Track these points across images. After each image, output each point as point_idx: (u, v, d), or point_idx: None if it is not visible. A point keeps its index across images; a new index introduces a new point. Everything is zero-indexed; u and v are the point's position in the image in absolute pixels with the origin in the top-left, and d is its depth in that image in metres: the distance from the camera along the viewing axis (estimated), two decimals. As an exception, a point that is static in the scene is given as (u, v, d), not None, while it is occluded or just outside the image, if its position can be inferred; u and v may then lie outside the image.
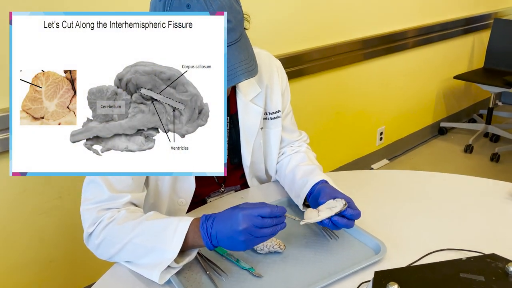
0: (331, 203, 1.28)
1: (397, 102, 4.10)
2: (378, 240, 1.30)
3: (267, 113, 1.57)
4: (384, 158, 4.18)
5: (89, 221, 1.18)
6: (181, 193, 1.45)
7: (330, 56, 3.12)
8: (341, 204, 1.25)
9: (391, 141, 4.19)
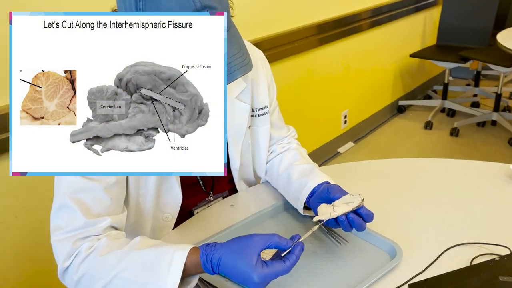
0: (347, 198, 1.21)
1: (358, 84, 4.18)
2: (392, 242, 1.25)
3: (254, 109, 1.49)
4: (350, 141, 4.27)
5: (63, 254, 1.06)
6: (166, 208, 1.36)
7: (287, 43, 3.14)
8: (359, 199, 1.18)
9: (355, 123, 4.28)
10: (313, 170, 1.44)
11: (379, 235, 1.27)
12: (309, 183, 1.36)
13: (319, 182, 1.35)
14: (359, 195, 1.19)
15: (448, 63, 4.66)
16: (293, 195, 1.40)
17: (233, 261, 1.00)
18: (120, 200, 1.19)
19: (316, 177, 1.38)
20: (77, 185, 1.09)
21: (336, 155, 4.11)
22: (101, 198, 1.11)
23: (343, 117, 4.09)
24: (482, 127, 4.73)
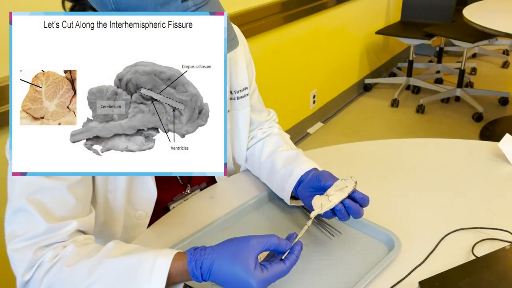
0: (340, 184, 1.14)
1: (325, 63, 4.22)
2: (388, 232, 1.20)
3: (233, 92, 1.42)
4: (318, 121, 4.32)
5: (23, 266, 0.95)
6: (139, 204, 1.27)
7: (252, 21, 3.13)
8: (352, 183, 1.13)
9: (324, 103, 4.33)
10: (299, 156, 1.37)
11: (375, 225, 1.23)
12: (295, 170, 1.29)
13: (307, 169, 1.29)
14: (351, 177, 1.15)
15: (413, 39, 4.74)
16: (278, 185, 1.34)
17: (228, 267, 0.92)
18: (86, 199, 1.09)
19: (302, 163, 1.31)
20: (36, 185, 0.98)
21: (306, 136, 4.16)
22: (64, 198, 1.00)
23: (312, 97, 4.13)
24: (446, 103, 4.84)
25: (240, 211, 1.34)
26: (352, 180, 1.14)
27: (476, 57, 6.35)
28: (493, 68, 5.92)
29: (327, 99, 4.44)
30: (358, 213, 1.12)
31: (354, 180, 1.14)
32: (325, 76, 4.28)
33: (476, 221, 1.29)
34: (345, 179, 1.15)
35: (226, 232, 1.28)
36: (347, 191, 1.12)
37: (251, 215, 1.36)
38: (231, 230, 1.30)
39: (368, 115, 4.67)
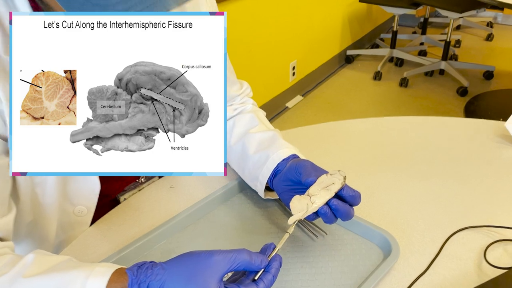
0: (325, 179, 0.99)
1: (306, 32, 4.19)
2: (383, 232, 1.07)
3: None
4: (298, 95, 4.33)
5: None
6: (78, 198, 1.12)
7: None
8: (340, 178, 0.98)
9: (303, 75, 4.32)
10: (276, 139, 1.22)
11: (367, 224, 1.10)
12: (271, 157, 1.15)
13: (285, 156, 1.15)
14: (338, 172, 1.00)
15: (398, 8, 4.76)
16: (250, 174, 1.20)
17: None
18: (3, 197, 0.95)
19: (279, 148, 1.17)
20: None
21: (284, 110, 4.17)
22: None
23: (291, 69, 4.12)
24: (430, 77, 4.89)
25: (205, 204, 1.21)
26: (339, 175, 1.00)
27: (460, 29, 6.41)
28: (477, 40, 5.97)
29: (307, 71, 4.44)
30: (347, 215, 0.98)
31: (342, 175, 1.00)
32: (305, 46, 4.26)
33: (485, 217, 1.16)
34: (332, 174, 1.01)
35: (187, 232, 1.15)
36: (333, 190, 0.98)
37: (218, 210, 1.23)
38: (194, 228, 1.17)
39: (349, 88, 4.69)
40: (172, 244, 1.13)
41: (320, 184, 1.00)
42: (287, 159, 1.15)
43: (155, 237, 1.11)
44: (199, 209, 1.20)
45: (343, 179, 1.00)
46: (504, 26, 6.51)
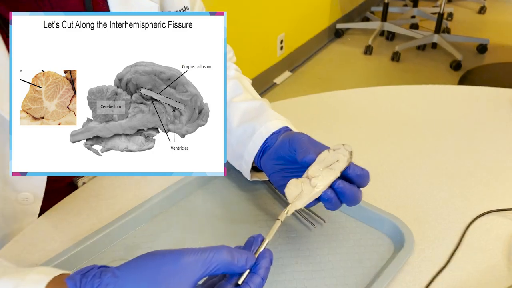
0: (326, 156, 0.85)
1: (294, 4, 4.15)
2: (394, 219, 0.95)
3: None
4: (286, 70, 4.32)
5: None
6: (21, 183, 1.01)
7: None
8: (346, 154, 0.84)
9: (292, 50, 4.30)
10: (264, 109, 1.08)
11: (375, 209, 0.98)
12: (258, 130, 1.02)
13: (275, 129, 1.01)
14: (343, 146, 0.85)
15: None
16: (234, 151, 1.08)
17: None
18: None
19: (268, 120, 1.03)
20: None
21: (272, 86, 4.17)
22: None
23: (279, 42, 4.10)
24: (422, 51, 4.89)
25: (179, 189, 1.08)
26: (344, 149, 0.85)
27: (452, 2, 6.41)
28: (469, 13, 5.98)
29: (295, 45, 4.41)
30: (355, 199, 0.84)
31: (348, 150, 0.85)
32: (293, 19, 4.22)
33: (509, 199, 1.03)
34: (335, 149, 0.86)
35: (157, 222, 1.04)
36: (338, 169, 0.83)
37: (195, 196, 1.10)
38: (164, 218, 1.05)
39: (339, 63, 4.69)
40: (137, 238, 1.00)
41: (322, 163, 0.84)
42: (277, 133, 1.00)
43: (117, 230, 0.99)
44: (172, 194, 1.06)
45: (349, 155, 0.84)
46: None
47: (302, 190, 0.84)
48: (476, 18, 5.87)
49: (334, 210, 0.86)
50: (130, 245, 1.00)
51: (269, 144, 1.00)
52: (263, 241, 0.74)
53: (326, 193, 0.83)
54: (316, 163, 0.85)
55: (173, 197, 1.08)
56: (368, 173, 0.85)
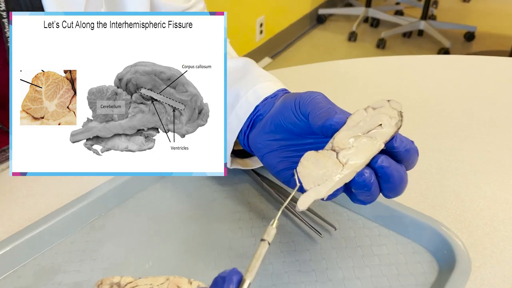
0: (362, 119, 0.61)
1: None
2: (439, 227, 0.71)
3: None
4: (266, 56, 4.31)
5: None
6: None
7: None
8: (394, 115, 0.59)
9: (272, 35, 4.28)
10: (250, 69, 0.91)
11: (409, 212, 0.74)
12: (244, 96, 0.85)
13: (268, 93, 0.82)
14: (388, 102, 0.61)
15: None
16: None
17: None
18: None
19: (258, 82, 0.86)
20: None
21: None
22: None
23: (258, 26, 4.08)
24: (408, 38, 4.92)
25: (128, 182, 0.92)
26: (391, 107, 0.60)
27: (437, -11, 6.44)
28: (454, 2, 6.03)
29: (276, 30, 4.39)
30: (402, 186, 0.61)
31: (397, 109, 0.60)
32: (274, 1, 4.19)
33: None
34: (374, 107, 0.61)
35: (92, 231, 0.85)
36: (383, 137, 0.59)
37: (152, 191, 0.93)
38: (102, 226, 0.85)
39: (323, 50, 4.70)
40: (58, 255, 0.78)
41: (354, 129, 0.60)
42: (273, 97, 0.81)
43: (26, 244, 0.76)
44: (120, 187, 0.88)
45: (399, 116, 0.60)
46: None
47: (326, 169, 0.59)
48: (462, 7, 5.91)
49: (367, 204, 0.63)
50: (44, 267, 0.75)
51: (261, 113, 0.80)
52: (242, 283, 0.49)
53: (363, 174, 0.59)
54: (345, 128, 0.61)
55: (116, 193, 0.88)
56: (416, 147, 0.61)
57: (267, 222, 0.80)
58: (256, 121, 0.81)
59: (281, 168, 0.74)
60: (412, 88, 1.18)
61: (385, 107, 0.61)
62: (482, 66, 1.29)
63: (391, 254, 0.72)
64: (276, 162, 0.75)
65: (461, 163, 0.93)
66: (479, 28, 4.82)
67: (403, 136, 0.61)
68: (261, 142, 0.78)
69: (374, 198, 0.61)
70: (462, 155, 0.96)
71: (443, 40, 4.46)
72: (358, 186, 0.59)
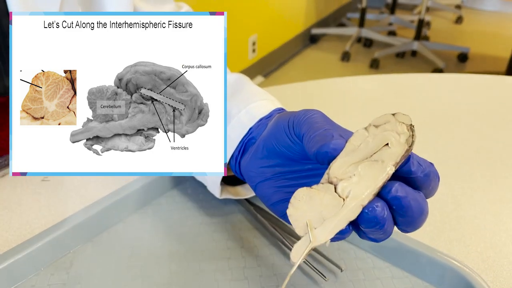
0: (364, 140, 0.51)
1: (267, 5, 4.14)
2: (458, 267, 0.62)
3: None
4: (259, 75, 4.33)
5: None
6: None
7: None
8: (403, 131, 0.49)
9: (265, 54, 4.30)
10: (243, 84, 0.87)
11: (422, 247, 0.65)
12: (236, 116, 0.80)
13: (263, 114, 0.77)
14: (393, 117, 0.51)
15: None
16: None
17: None
18: None
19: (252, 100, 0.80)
20: None
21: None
22: None
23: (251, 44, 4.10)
24: (401, 58, 4.97)
25: (101, 212, 0.81)
26: (397, 122, 0.50)
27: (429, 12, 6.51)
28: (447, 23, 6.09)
29: (269, 49, 4.41)
30: (421, 218, 0.51)
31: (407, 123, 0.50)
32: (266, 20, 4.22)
33: None
34: (377, 124, 0.51)
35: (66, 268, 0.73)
36: (391, 159, 0.49)
37: (127, 224, 0.82)
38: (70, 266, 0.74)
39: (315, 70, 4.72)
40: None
41: (354, 154, 0.51)
42: (267, 118, 0.74)
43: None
44: (89, 220, 0.79)
45: (409, 131, 0.49)
46: (472, 9, 6.61)
47: (323, 208, 0.50)
48: (454, 28, 5.97)
49: (380, 242, 0.53)
50: None
51: (254, 136, 0.75)
52: None
53: (374, 208, 0.48)
54: (343, 154, 0.51)
55: (91, 225, 0.78)
56: (436, 171, 0.51)
57: (262, 261, 0.70)
58: (248, 145, 0.75)
59: (276, 200, 0.65)
60: (416, 106, 1.11)
61: (391, 122, 0.50)
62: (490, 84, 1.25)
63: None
64: (271, 193, 0.67)
65: (476, 191, 0.83)
66: (473, 49, 4.86)
67: (419, 157, 0.51)
68: (254, 169, 0.71)
69: (388, 235, 0.51)
70: (476, 181, 0.86)
71: (436, 60, 4.49)
72: (367, 223, 0.49)
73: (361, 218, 0.49)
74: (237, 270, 0.70)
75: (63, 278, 0.68)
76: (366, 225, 0.49)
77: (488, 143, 0.94)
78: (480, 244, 0.71)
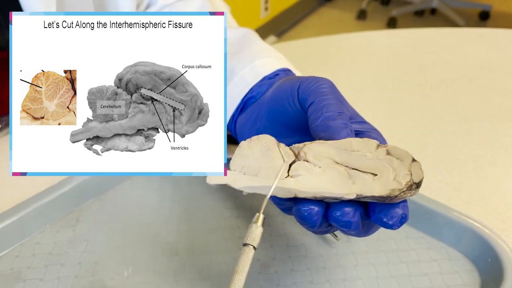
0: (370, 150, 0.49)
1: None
2: (477, 227, 0.62)
3: None
4: (271, 35, 4.30)
5: None
6: None
7: None
8: (404, 176, 0.46)
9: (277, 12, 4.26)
10: (250, 40, 0.81)
11: (439, 207, 0.66)
12: (240, 73, 0.76)
13: (268, 71, 0.73)
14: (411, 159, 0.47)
15: None
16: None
17: None
18: None
19: (257, 57, 0.76)
20: None
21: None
22: None
23: (263, 2, 4.05)
24: (420, 17, 4.91)
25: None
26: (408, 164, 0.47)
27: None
28: (469, -22, 5.99)
29: (282, 7, 4.36)
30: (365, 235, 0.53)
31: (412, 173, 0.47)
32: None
33: None
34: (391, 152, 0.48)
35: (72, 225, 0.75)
36: (366, 189, 0.47)
37: (137, 181, 0.83)
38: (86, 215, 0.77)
39: (330, 29, 4.69)
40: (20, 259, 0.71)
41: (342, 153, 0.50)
42: (271, 78, 0.71)
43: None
44: (95, 179, 0.79)
45: (410, 181, 0.46)
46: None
47: (267, 167, 0.50)
48: (477, -17, 5.90)
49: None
50: (1, 274, 0.70)
51: (255, 95, 0.72)
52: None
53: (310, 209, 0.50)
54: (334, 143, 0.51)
55: (97, 183, 0.77)
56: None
57: (272, 219, 0.66)
58: (247, 104, 0.73)
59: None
60: (436, 63, 1.09)
61: (403, 162, 0.46)
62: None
63: (422, 261, 0.63)
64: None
65: (497, 150, 0.83)
66: (495, 6, 4.81)
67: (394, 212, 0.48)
68: (248, 132, 0.69)
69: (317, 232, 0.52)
70: (498, 140, 0.86)
71: (457, 19, 4.44)
72: (298, 218, 0.51)
73: (295, 212, 0.52)
74: (246, 229, 0.69)
75: (69, 235, 0.70)
76: (298, 219, 0.52)
77: (511, 100, 0.95)
78: (500, 204, 0.71)
